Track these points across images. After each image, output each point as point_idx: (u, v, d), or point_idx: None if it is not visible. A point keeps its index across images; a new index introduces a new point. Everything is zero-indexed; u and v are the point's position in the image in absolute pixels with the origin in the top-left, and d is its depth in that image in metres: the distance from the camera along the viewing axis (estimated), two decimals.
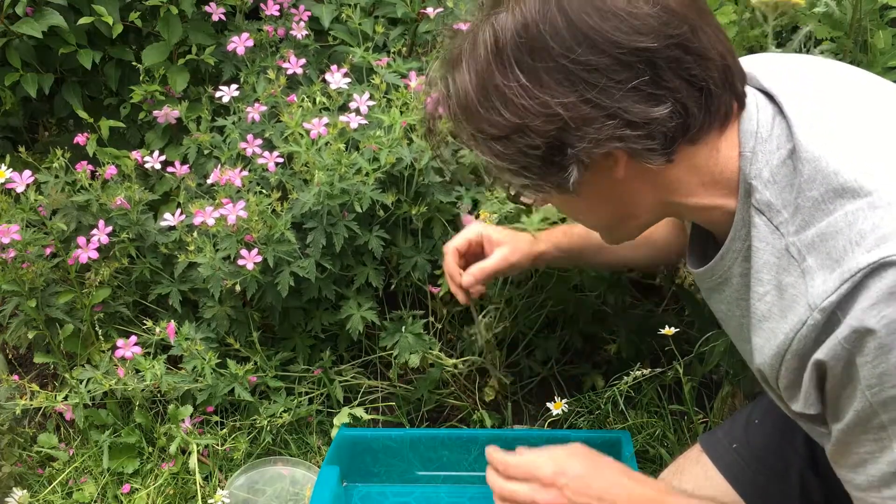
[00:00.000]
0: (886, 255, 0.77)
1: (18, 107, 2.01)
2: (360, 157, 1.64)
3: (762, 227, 0.88)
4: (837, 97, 0.93)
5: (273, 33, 1.95)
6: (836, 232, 0.81)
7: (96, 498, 1.69)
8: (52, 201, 1.75)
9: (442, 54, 0.97)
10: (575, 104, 0.85)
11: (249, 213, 1.60)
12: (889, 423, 0.82)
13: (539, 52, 0.85)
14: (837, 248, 0.81)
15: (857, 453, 0.86)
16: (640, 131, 0.86)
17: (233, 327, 1.76)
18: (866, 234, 0.79)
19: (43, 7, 1.82)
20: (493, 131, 0.89)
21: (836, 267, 0.80)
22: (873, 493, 0.87)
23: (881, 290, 0.77)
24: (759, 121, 0.90)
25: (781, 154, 0.88)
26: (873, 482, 0.86)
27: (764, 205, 0.88)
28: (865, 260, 0.78)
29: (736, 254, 0.94)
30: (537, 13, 0.85)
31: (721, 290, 1.00)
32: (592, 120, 0.85)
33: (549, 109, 0.85)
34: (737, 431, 1.27)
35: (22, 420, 1.81)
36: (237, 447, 1.70)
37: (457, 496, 1.56)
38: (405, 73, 1.80)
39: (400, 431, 1.64)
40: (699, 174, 0.92)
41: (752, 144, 0.90)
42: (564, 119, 0.85)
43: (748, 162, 0.90)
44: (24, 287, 1.71)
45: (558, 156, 0.88)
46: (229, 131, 1.82)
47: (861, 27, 1.49)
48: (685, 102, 0.86)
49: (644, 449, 1.68)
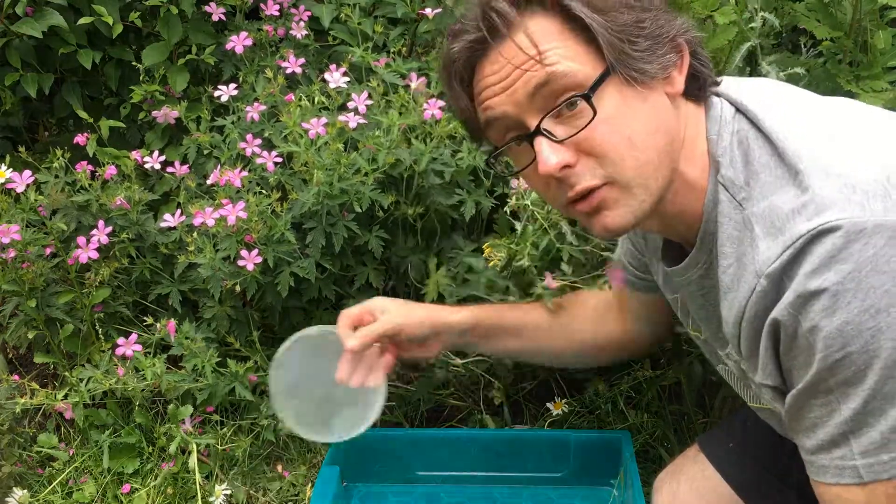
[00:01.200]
0: (826, 222, 0.81)
1: (18, 107, 2.01)
2: (359, 157, 1.65)
3: (725, 203, 0.93)
4: (791, 98, 1.00)
5: (273, 33, 1.95)
6: (782, 203, 0.86)
7: (96, 498, 1.69)
8: (52, 201, 1.75)
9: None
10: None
11: (249, 213, 1.60)
12: (836, 387, 0.84)
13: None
14: (780, 217, 0.85)
15: (808, 418, 0.89)
16: (698, 37, 0.97)
17: (233, 327, 1.76)
18: (807, 205, 0.83)
19: (43, 7, 1.82)
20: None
21: (779, 235, 0.84)
22: (823, 456, 0.89)
23: (821, 254, 0.80)
24: (722, 108, 0.98)
25: (741, 135, 0.95)
26: (823, 445, 0.88)
27: (728, 181, 0.94)
28: (805, 227, 0.82)
29: (711, 236, 0.98)
30: None
31: (707, 277, 1.02)
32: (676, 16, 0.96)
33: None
34: (734, 431, 1.28)
35: (22, 420, 1.81)
36: (237, 447, 1.70)
37: (457, 496, 1.56)
38: (405, 74, 1.80)
39: (400, 431, 1.64)
40: (691, 129, 0.98)
41: (717, 129, 0.97)
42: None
43: (714, 144, 0.96)
44: (24, 287, 1.71)
45: (663, 30, 0.94)
46: (229, 131, 1.82)
47: (861, 27, 1.49)
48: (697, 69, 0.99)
49: (644, 449, 1.68)
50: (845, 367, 0.82)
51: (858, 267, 0.79)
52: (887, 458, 0.84)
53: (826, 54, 1.55)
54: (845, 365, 0.82)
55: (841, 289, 0.80)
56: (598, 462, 1.52)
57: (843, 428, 0.86)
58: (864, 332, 0.80)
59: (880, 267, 0.79)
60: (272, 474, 1.72)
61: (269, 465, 1.75)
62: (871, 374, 0.82)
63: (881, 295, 0.79)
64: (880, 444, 0.84)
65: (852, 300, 0.80)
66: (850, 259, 0.80)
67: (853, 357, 0.82)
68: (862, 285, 0.80)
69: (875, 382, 0.82)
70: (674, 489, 1.28)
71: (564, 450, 1.53)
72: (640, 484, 1.38)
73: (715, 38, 1.56)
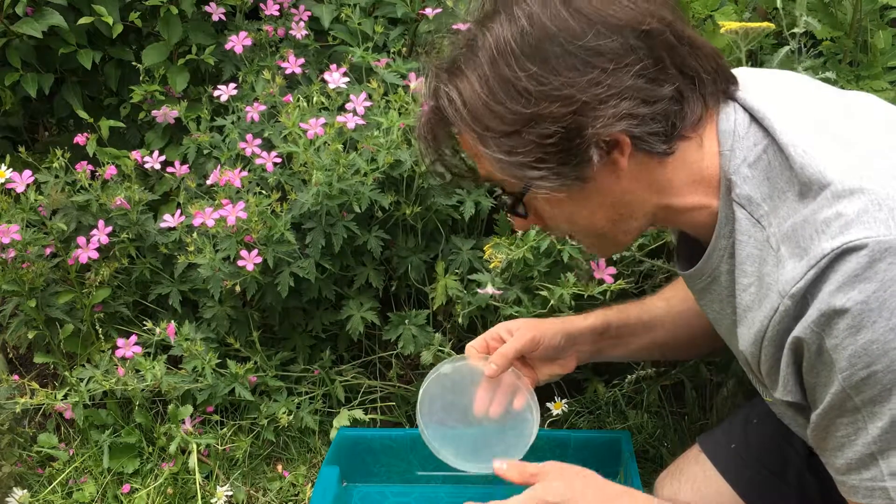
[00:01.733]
0: (849, 241, 0.80)
1: (18, 107, 2.01)
2: (358, 158, 1.64)
3: (744, 221, 0.92)
4: (809, 101, 0.97)
5: (273, 33, 1.95)
6: (805, 221, 0.84)
7: (96, 498, 1.69)
8: (52, 201, 1.75)
9: (431, 71, 0.99)
10: (587, 86, 0.88)
11: (249, 213, 1.60)
12: (862, 406, 0.84)
13: (546, 41, 0.88)
14: (805, 237, 0.84)
15: (835, 437, 0.88)
16: (648, 110, 0.89)
17: (233, 327, 1.76)
18: (831, 222, 0.82)
19: (43, 7, 1.82)
20: (503, 127, 0.91)
21: (804, 255, 0.83)
22: (853, 476, 0.88)
23: (846, 273, 0.80)
24: (735, 121, 0.94)
25: (758, 150, 0.92)
26: (852, 465, 0.88)
27: (744, 199, 0.92)
28: (829, 246, 0.81)
29: (722, 251, 0.97)
30: (540, 8, 0.88)
31: (711, 289, 1.02)
32: (606, 100, 0.88)
33: (564, 91, 0.88)
34: (735, 431, 1.28)
35: (22, 420, 1.81)
36: (238, 447, 1.70)
37: (457, 496, 1.56)
38: (405, 74, 1.80)
39: (400, 431, 1.63)
40: (688, 170, 0.95)
41: (730, 143, 0.94)
42: (580, 101, 0.88)
43: (727, 159, 0.93)
44: (24, 287, 1.71)
45: (576, 139, 0.90)
46: (228, 131, 1.82)
47: (861, 27, 1.49)
48: (682, 89, 0.91)
49: (644, 449, 1.68)
50: (871, 385, 0.82)
51: (883, 286, 0.79)
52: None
53: (826, 54, 1.55)
54: (870, 384, 0.82)
55: (865, 308, 0.79)
56: (598, 462, 1.51)
57: (871, 448, 0.85)
58: (889, 350, 0.80)
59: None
60: (272, 474, 1.72)
61: (269, 465, 1.75)
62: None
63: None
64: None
65: (878, 319, 0.79)
66: (875, 278, 0.79)
67: (878, 376, 0.81)
68: (887, 304, 0.79)
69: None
70: (675, 489, 1.28)
71: (564, 449, 1.53)
72: (640, 484, 1.38)
73: (715, 39, 1.56)
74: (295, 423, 1.74)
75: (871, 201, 0.81)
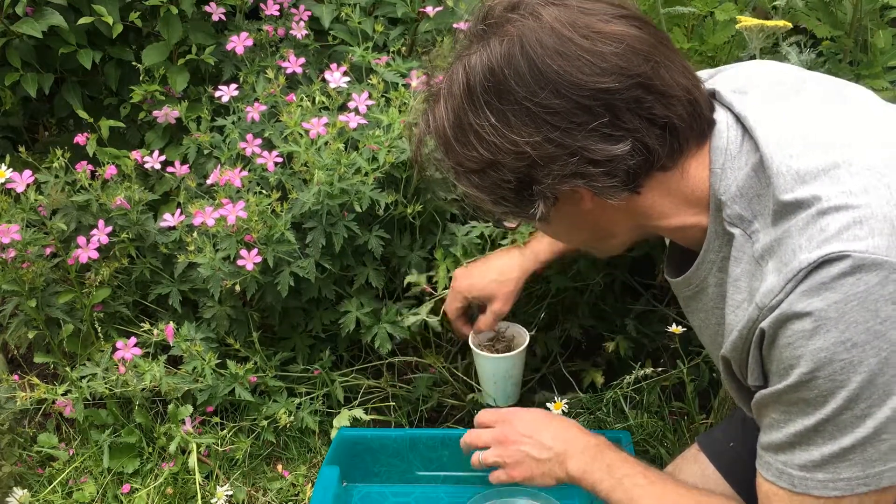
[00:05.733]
0: (826, 253, 0.82)
1: (18, 107, 2.01)
2: (359, 157, 1.64)
3: (740, 238, 0.94)
4: (799, 107, 0.98)
5: (273, 33, 1.95)
6: (788, 237, 0.87)
7: (96, 498, 1.69)
8: (52, 201, 1.75)
9: (424, 89, 1.05)
10: (540, 143, 0.91)
11: (249, 213, 1.60)
12: (797, 402, 0.88)
13: (505, 94, 0.91)
14: (787, 252, 0.86)
15: (768, 416, 0.93)
16: (601, 168, 0.92)
17: (233, 327, 1.76)
18: (813, 238, 0.84)
19: (43, 7, 1.82)
20: (470, 165, 0.97)
21: (783, 269, 0.86)
22: (769, 454, 0.94)
23: (816, 281, 0.82)
24: (728, 138, 0.96)
25: (748, 169, 0.94)
26: (772, 444, 0.93)
27: (736, 218, 0.94)
28: (807, 259, 0.83)
29: (710, 265, 1.00)
30: (502, 58, 0.92)
31: (698, 298, 1.05)
32: (556, 158, 0.92)
33: (517, 148, 0.92)
34: (734, 430, 1.29)
35: (22, 420, 1.81)
36: (238, 447, 1.70)
37: (457, 496, 1.56)
38: (405, 73, 1.80)
39: (400, 431, 1.64)
40: (671, 197, 0.98)
41: (721, 161, 0.95)
42: (531, 157, 0.92)
43: (718, 178, 0.95)
44: (24, 287, 1.71)
45: (527, 190, 0.95)
46: (229, 131, 1.82)
47: (861, 27, 1.49)
48: (645, 140, 0.92)
49: (644, 449, 1.68)
50: (810, 389, 0.85)
51: (846, 299, 0.81)
52: (822, 478, 0.88)
53: (826, 53, 1.55)
54: (810, 387, 0.85)
55: (823, 316, 0.82)
56: None
57: (792, 438, 0.90)
58: (835, 361, 0.83)
59: (867, 304, 0.81)
60: (272, 474, 1.72)
61: (269, 465, 1.75)
62: (833, 401, 0.84)
63: (861, 331, 0.81)
64: (819, 463, 0.88)
65: (832, 329, 0.82)
66: (840, 290, 0.81)
67: (819, 382, 0.84)
68: (844, 317, 0.81)
69: (833, 410, 0.85)
70: None
71: None
72: None
73: (714, 36, 1.56)
74: (295, 423, 1.74)
75: (853, 218, 0.83)
